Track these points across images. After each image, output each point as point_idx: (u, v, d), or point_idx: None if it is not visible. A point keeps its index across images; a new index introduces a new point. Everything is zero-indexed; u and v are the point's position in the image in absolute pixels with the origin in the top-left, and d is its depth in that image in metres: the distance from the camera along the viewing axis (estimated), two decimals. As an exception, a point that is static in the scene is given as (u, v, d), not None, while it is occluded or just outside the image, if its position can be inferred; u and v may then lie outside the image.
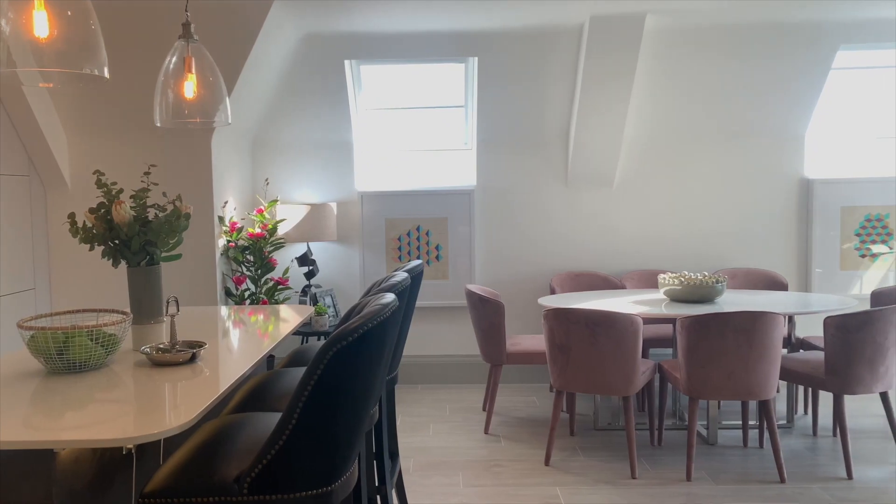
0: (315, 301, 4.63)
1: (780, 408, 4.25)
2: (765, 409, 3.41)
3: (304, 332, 4.44)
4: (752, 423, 3.91)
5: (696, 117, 4.82)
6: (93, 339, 1.94)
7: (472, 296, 4.13)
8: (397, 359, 2.73)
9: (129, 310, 2.24)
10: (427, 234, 5.02)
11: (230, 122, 2.74)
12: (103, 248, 2.28)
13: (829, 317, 3.37)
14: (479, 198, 5.01)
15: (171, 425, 1.45)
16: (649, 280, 4.74)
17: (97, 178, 2.30)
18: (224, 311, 3.18)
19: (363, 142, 5.10)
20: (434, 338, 5.09)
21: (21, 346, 2.59)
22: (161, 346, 2.13)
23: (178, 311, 2.13)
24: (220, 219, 4.29)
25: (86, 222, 2.27)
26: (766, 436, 3.70)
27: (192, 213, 2.49)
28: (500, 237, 5.04)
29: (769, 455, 3.59)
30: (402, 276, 2.32)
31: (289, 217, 4.68)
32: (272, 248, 4.46)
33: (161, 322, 2.30)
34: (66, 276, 4.19)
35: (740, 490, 3.24)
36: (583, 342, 3.42)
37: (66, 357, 1.91)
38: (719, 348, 3.26)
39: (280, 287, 4.45)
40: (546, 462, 3.57)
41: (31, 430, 1.47)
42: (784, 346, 4.06)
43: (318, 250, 4.97)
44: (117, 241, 2.26)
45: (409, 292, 2.49)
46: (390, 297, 1.72)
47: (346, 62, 4.68)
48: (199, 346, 2.10)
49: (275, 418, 1.86)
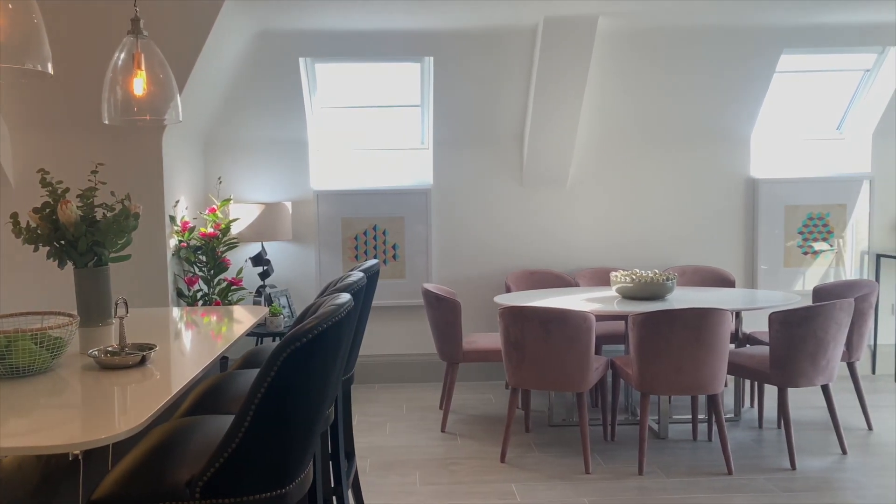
0: (270, 302, 4.58)
1: (727, 401, 4.37)
2: (713, 403, 3.51)
3: (258, 333, 4.39)
4: (701, 416, 4.01)
5: (647, 118, 4.92)
6: (37, 343, 1.89)
7: (428, 295, 4.15)
8: (353, 359, 2.72)
9: (76, 312, 2.19)
10: (384, 233, 5.02)
11: (181, 119, 2.69)
12: (49, 248, 2.22)
13: (773, 312, 3.48)
14: (435, 197, 5.03)
15: (120, 430, 1.42)
16: (602, 278, 4.82)
17: (41, 176, 2.23)
18: (176, 312, 3.12)
19: (318, 140, 5.06)
20: (391, 337, 5.09)
21: (-39, 351, 2.50)
22: (110, 349, 2.08)
23: (128, 312, 2.09)
24: (172, 218, 4.22)
25: (30, 222, 2.20)
26: (715, 429, 3.80)
27: (142, 212, 2.44)
28: (456, 236, 5.07)
29: (717, 448, 3.69)
30: (357, 275, 2.32)
31: (242, 216, 4.62)
32: (225, 248, 4.40)
33: (110, 324, 2.25)
34: (9, 277, 4.06)
35: (690, 483, 3.32)
36: (537, 339, 3.46)
37: (8, 361, 1.86)
38: (669, 344, 3.33)
39: (234, 288, 4.39)
40: (502, 459, 3.60)
41: (-28, 438, 1.43)
42: (731, 342, 4.18)
43: (273, 250, 4.92)
44: (63, 242, 2.20)
45: (365, 292, 2.48)
46: (345, 297, 1.71)
47: (301, 60, 4.64)
48: (150, 348, 2.07)
49: (228, 421, 1.84)
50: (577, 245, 5.06)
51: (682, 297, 3.95)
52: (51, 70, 1.88)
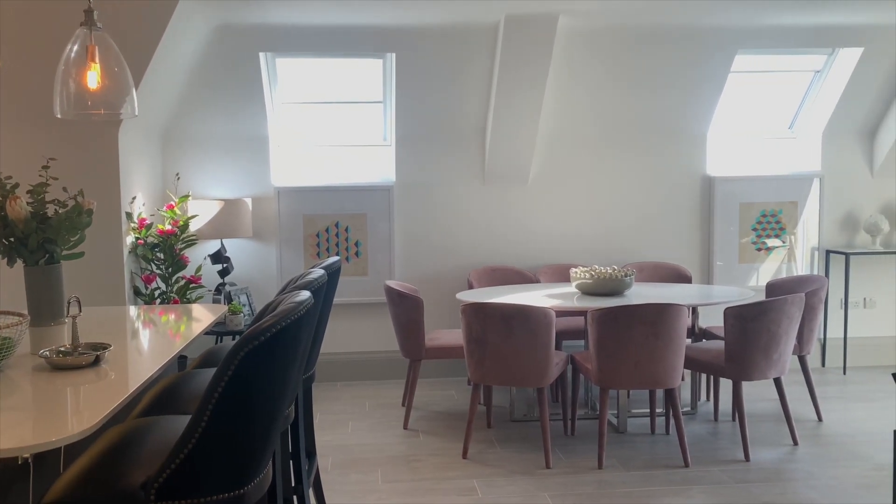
0: (229, 300, 4.52)
1: (684, 395, 4.45)
2: (670, 397, 3.58)
3: (218, 331, 4.33)
4: (658, 410, 4.08)
5: (607, 117, 4.98)
6: (-14, 344, 1.84)
7: (391, 292, 4.14)
8: (314, 357, 2.70)
9: (26, 311, 2.13)
10: (346, 230, 4.99)
11: (137, 114, 2.63)
12: (-3, 246, 2.15)
13: (728, 307, 3.56)
14: (398, 194, 5.02)
15: (72, 431, 1.39)
16: (562, 274, 4.87)
17: (-11, 172, 2.17)
18: (133, 311, 3.06)
19: (279, 136, 5.01)
20: (353, 334, 5.07)
21: None
22: (62, 349, 2.03)
23: (81, 311, 2.05)
24: (128, 215, 4.13)
25: (-23, 219, 2.14)
26: (672, 423, 3.87)
27: (98, 209, 2.39)
28: (419, 233, 5.07)
29: (675, 441, 3.77)
30: (318, 272, 2.30)
31: (201, 213, 4.55)
32: (184, 246, 4.32)
33: (62, 324, 2.20)
34: (-44, 275, 3.93)
35: (648, 476, 3.38)
36: (499, 335, 3.48)
37: (-45, 363, 1.80)
38: (627, 339, 3.39)
39: (192, 285, 4.33)
40: (464, 455, 3.62)
41: (-84, 442, 1.38)
42: (688, 336, 4.27)
43: (233, 247, 4.85)
44: (13, 239, 2.14)
45: (326, 289, 2.47)
46: (305, 294, 1.70)
47: (261, 55, 4.59)
48: (104, 348, 2.03)
49: (185, 421, 1.81)
50: (539, 242, 5.11)
51: (641, 293, 4.01)
52: (-1, 63, 1.82)
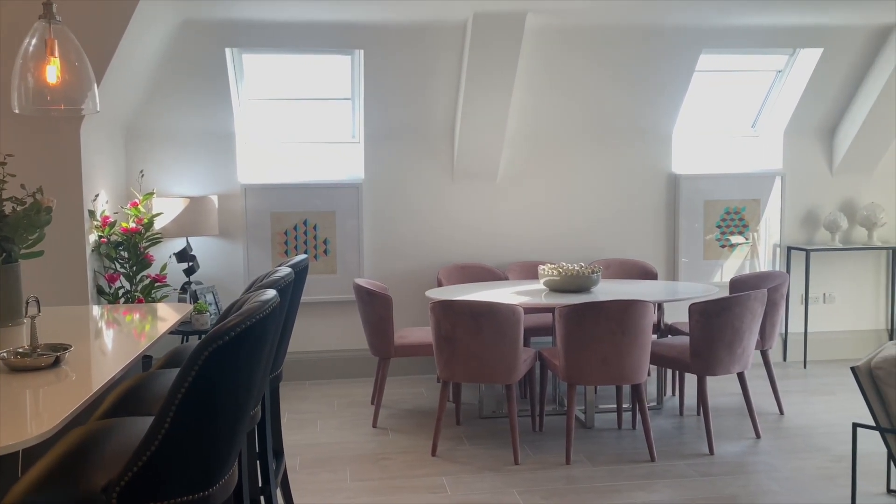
0: (195, 299, 4.47)
1: (650, 390, 4.51)
2: (637, 392, 3.63)
3: (183, 331, 4.28)
4: (625, 405, 4.13)
5: (574, 114, 5.02)
6: (-60, 346, 1.79)
7: (360, 290, 4.13)
8: (281, 356, 2.68)
9: (-17, 312, 2.08)
10: (314, 228, 4.96)
11: (99, 110, 2.58)
12: (-48, 245, 2.10)
13: (693, 303, 3.62)
14: (367, 191, 5.00)
15: (31, 435, 1.36)
16: (531, 271, 4.90)
17: (-56, 169, 2.11)
18: (96, 310, 3.01)
19: (246, 133, 4.96)
20: (322, 333, 5.04)
21: None
22: (20, 351, 1.99)
23: (40, 311, 2.00)
24: (91, 213, 4.05)
25: (-69, 218, 2.08)
26: (639, 417, 3.92)
27: (59, 206, 2.34)
28: (388, 231, 5.05)
29: (641, 435, 3.82)
30: (285, 271, 2.28)
31: (166, 211, 4.48)
32: (148, 244, 4.26)
33: (21, 324, 2.16)
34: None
35: (615, 470, 3.42)
36: (467, 333, 3.49)
37: None
38: (594, 335, 3.42)
39: (157, 284, 4.26)
40: (433, 452, 3.63)
41: None
42: (654, 332, 4.32)
43: (199, 245, 4.79)
44: (-32, 239, 2.09)
45: (293, 288, 2.45)
46: (271, 293, 1.69)
47: (227, 50, 4.53)
48: (64, 348, 1.99)
49: (149, 423, 1.79)
50: (507, 239, 5.13)
51: (607, 290, 4.06)
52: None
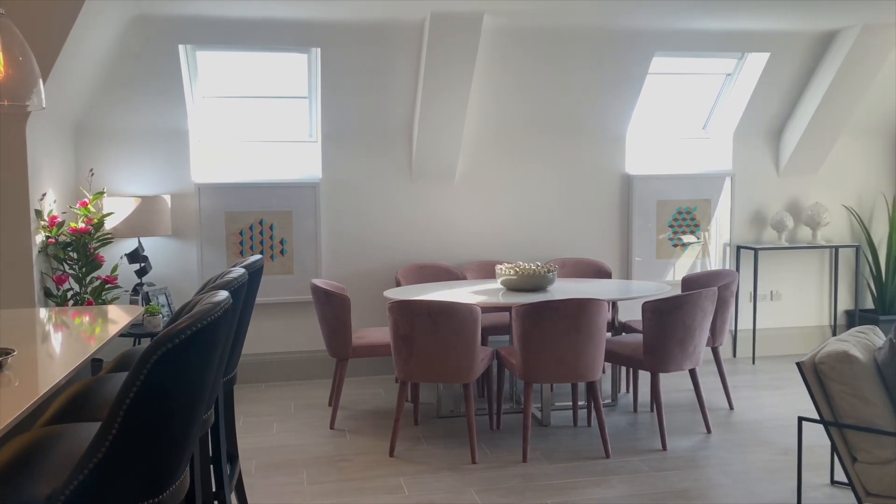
0: (147, 300, 4.38)
1: (605, 387, 4.58)
2: (592, 389, 3.68)
3: (135, 333, 4.19)
4: (581, 403, 4.19)
5: (531, 115, 5.07)
6: None
7: (317, 290, 4.10)
8: (235, 358, 2.65)
9: (-79, 317, 2.01)
10: (271, 227, 4.90)
11: (45, 106, 2.51)
12: None
13: (646, 302, 3.69)
14: (324, 191, 4.97)
15: (-30, 443, 1.32)
16: (488, 270, 4.93)
17: None
18: (43, 313, 2.93)
19: (200, 131, 4.88)
20: (278, 334, 4.99)
21: None
22: (-39, 356, 1.93)
23: (-18, 316, 1.94)
24: (38, 213, 3.93)
25: None
26: (594, 415, 3.98)
27: (4, 206, 2.27)
28: (346, 231, 5.03)
29: (596, 432, 3.87)
30: (238, 272, 2.26)
31: (117, 210, 4.38)
32: (98, 245, 4.16)
33: (-39, 329, 2.08)
34: None
35: (571, 467, 3.47)
36: (425, 333, 3.50)
37: None
38: (551, 334, 3.46)
39: (108, 286, 4.16)
40: (391, 453, 3.62)
41: None
42: (608, 330, 4.39)
43: (151, 246, 4.69)
44: None
45: (246, 289, 2.43)
46: (223, 294, 1.67)
47: (181, 47, 4.45)
48: (7, 353, 1.93)
49: (96, 429, 1.75)
50: (465, 239, 5.16)
51: (563, 289, 4.11)
52: None
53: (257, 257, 2.68)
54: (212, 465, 2.52)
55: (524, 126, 5.11)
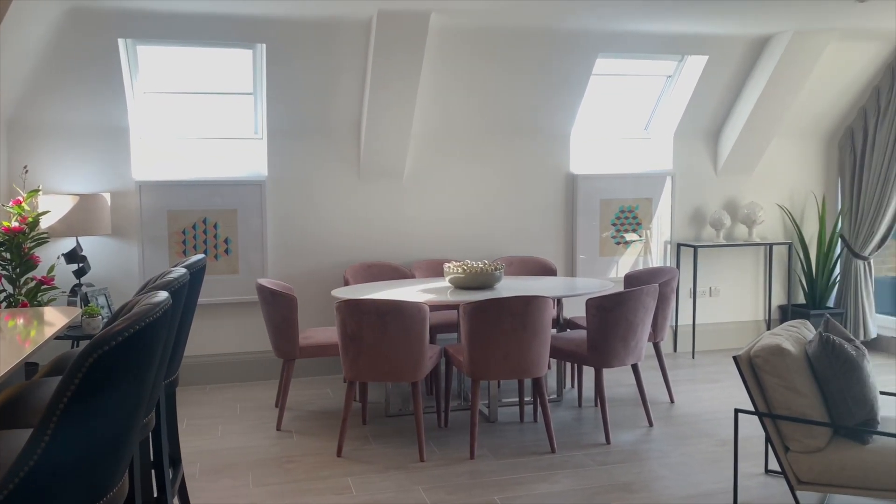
0: (86, 302, 4.25)
1: (550, 383, 4.66)
2: (537, 385, 3.73)
3: (73, 336, 4.06)
4: (527, 399, 4.25)
5: (477, 114, 5.11)
6: None
7: (263, 290, 4.05)
8: (177, 360, 2.60)
9: None
10: (215, 226, 4.82)
11: (-28, 103, 2.42)
12: None
13: (590, 299, 3.76)
14: (270, 189, 4.90)
15: None
16: (437, 269, 4.95)
17: None
18: (-29, 316, 2.81)
19: (141, 128, 4.76)
20: (223, 335, 4.91)
21: None
22: None
23: None
24: (-34, 212, 3.78)
25: None
26: (540, 410, 4.04)
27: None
28: (293, 230, 4.98)
29: (542, 428, 3.93)
30: (179, 271, 2.22)
31: (54, 209, 4.24)
32: (33, 244, 4.01)
33: None
34: None
35: (517, 463, 3.52)
36: (373, 332, 3.49)
37: None
38: (497, 331, 3.50)
39: (44, 287, 4.02)
40: (338, 453, 3.61)
41: None
42: (553, 327, 4.46)
43: (90, 246, 4.56)
44: None
45: (188, 289, 2.38)
46: (163, 295, 1.64)
47: (120, 41, 4.33)
48: (-66, 359, 1.85)
49: (28, 435, 1.70)
50: (414, 237, 5.16)
51: (510, 286, 4.15)
52: None
53: (200, 257, 2.64)
54: (153, 470, 2.47)
55: (472, 125, 5.15)
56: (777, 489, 3.16)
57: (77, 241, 4.38)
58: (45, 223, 4.17)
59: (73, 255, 4.33)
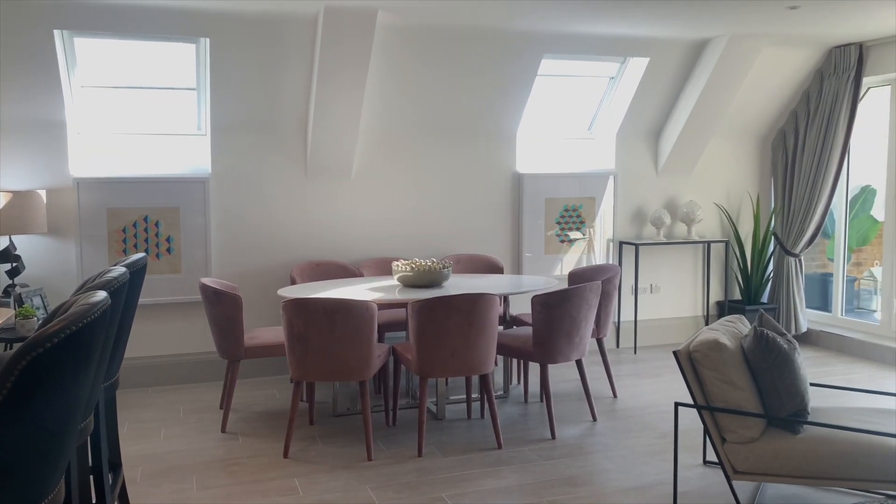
0: (20, 303, 4.10)
1: (497, 380, 4.71)
2: (485, 382, 3.77)
3: (7, 338, 3.92)
4: (474, 396, 4.28)
5: (425, 113, 5.12)
6: None
7: (206, 290, 3.97)
8: (117, 362, 2.54)
9: None
10: (156, 224, 4.70)
11: None
12: None
13: (535, 296, 3.82)
14: (214, 186, 4.81)
15: None
16: (385, 267, 4.94)
17: None
18: None
19: (79, 123, 4.61)
20: (166, 336, 4.80)
21: None
22: None
23: None
24: None
25: None
26: (487, 407, 4.08)
27: None
28: (238, 228, 4.90)
29: (489, 424, 3.98)
30: (119, 271, 2.16)
31: (-17, 207, 4.08)
32: (-39, 244, 3.85)
33: None
34: None
35: (465, 460, 3.55)
36: (321, 331, 3.47)
37: None
38: (445, 329, 3.52)
39: (-27, 288, 3.87)
40: (285, 454, 3.57)
41: None
42: (500, 324, 4.52)
43: (25, 244, 4.40)
44: None
45: (128, 288, 2.33)
46: (101, 295, 1.60)
47: (56, 32, 4.18)
48: None
49: (-41, 441, 1.63)
50: (362, 236, 5.14)
51: (458, 284, 4.18)
52: None
53: (141, 256, 2.58)
54: (92, 476, 2.40)
55: (420, 124, 5.16)
56: (714, 479, 3.27)
57: (10, 240, 4.22)
58: (-26, 221, 4.01)
59: (6, 255, 4.17)
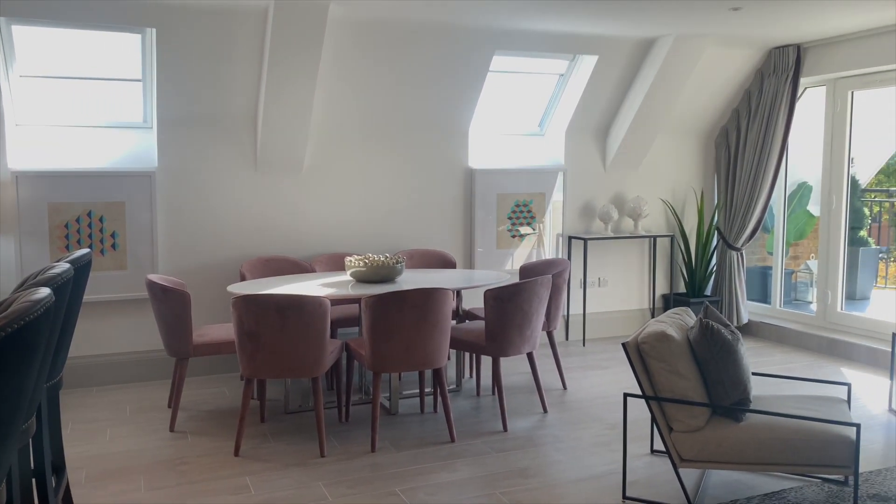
0: (-46, 300, 3.94)
1: (450, 374, 4.74)
2: (438, 376, 3.79)
3: (-61, 337, 3.76)
4: (427, 390, 4.30)
5: (377, 108, 5.10)
6: None
7: (153, 286, 3.89)
8: (61, 361, 2.47)
9: None
10: (101, 220, 4.58)
11: None
12: None
13: (487, 290, 3.85)
14: (161, 180, 4.71)
15: None
16: (338, 263, 4.92)
17: None
18: None
19: (18, 114, 4.45)
20: (111, 334, 4.68)
21: None
22: None
23: None
24: None
25: None
26: (440, 401, 4.11)
27: None
28: (186, 223, 4.80)
29: (442, 418, 4.00)
30: (62, 267, 2.11)
31: (-87, 201, 3.90)
32: None
33: None
34: None
35: (418, 454, 3.56)
36: (272, 328, 3.44)
37: None
38: (398, 324, 3.53)
39: None
40: (236, 453, 3.53)
41: None
42: (453, 318, 4.54)
43: (-43, 241, 4.23)
44: None
45: (72, 285, 2.27)
46: (44, 292, 1.56)
47: (-10, 21, 4.03)
48: None
49: None
50: (313, 231, 5.10)
51: (411, 279, 4.19)
52: None
53: (85, 251, 2.52)
54: (34, 478, 2.33)
55: (371, 119, 5.14)
56: (662, 468, 3.37)
57: (-58, 236, 4.05)
58: None
59: (-62, 251, 4.00)
